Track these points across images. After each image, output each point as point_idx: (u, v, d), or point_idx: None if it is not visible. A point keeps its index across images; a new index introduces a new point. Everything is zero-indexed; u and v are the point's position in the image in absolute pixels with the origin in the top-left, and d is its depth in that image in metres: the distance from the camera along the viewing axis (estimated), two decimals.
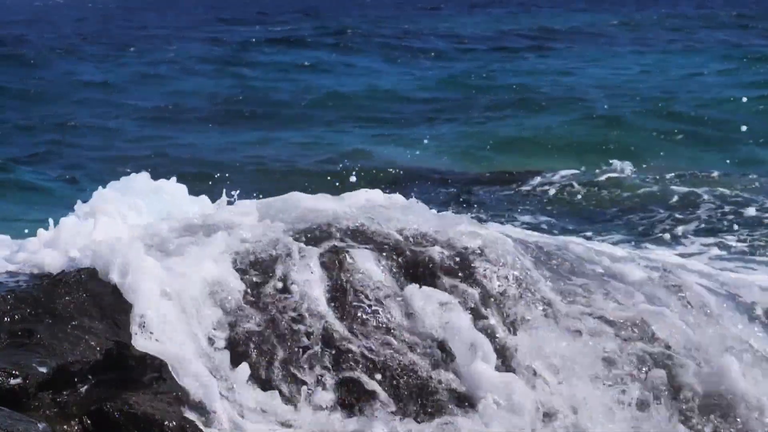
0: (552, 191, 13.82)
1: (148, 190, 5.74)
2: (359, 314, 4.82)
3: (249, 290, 4.79)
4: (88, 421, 3.81)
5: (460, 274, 5.16)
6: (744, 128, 17.61)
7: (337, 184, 14.51)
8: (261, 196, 6.56)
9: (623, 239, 11.17)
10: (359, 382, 4.56)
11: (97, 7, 66.29)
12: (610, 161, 15.57)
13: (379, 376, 4.61)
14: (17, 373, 3.87)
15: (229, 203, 5.83)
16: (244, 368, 4.45)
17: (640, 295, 5.46)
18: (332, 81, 25.92)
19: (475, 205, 13.13)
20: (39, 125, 19.79)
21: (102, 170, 15.20)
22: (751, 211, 12.41)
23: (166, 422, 3.84)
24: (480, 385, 4.67)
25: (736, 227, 11.67)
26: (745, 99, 20.92)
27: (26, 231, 5.99)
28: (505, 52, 32.12)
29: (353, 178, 14.79)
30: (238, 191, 6.12)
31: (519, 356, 4.92)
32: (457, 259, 5.22)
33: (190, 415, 3.99)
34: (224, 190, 5.97)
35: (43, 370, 3.94)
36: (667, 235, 11.37)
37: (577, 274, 5.59)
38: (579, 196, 13.59)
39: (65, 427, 3.79)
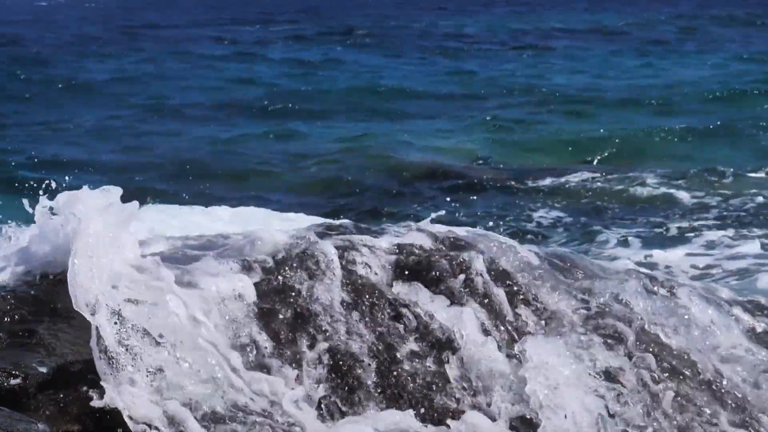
0: (563, 190, 13.71)
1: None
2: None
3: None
4: (88, 421, 3.74)
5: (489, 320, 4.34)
6: (756, 124, 17.59)
7: (346, 180, 14.50)
8: (270, 195, 6.46)
9: (636, 237, 11.06)
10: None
11: (98, 7, 66.69)
12: (621, 160, 15.50)
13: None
14: (17, 373, 3.79)
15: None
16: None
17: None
18: (340, 78, 26.03)
19: (486, 203, 13.02)
20: (45, 126, 19.75)
21: (111, 172, 15.13)
22: (764, 207, 12.32)
23: None
24: None
25: (749, 223, 11.56)
26: (755, 95, 20.94)
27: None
28: (511, 51, 32.18)
29: (362, 176, 14.82)
30: (249, 190, 5.98)
31: None
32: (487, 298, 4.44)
33: None
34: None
35: (43, 370, 3.87)
36: (685, 234, 11.24)
37: (650, 341, 4.29)
38: (590, 195, 13.47)
39: (65, 427, 3.72)
